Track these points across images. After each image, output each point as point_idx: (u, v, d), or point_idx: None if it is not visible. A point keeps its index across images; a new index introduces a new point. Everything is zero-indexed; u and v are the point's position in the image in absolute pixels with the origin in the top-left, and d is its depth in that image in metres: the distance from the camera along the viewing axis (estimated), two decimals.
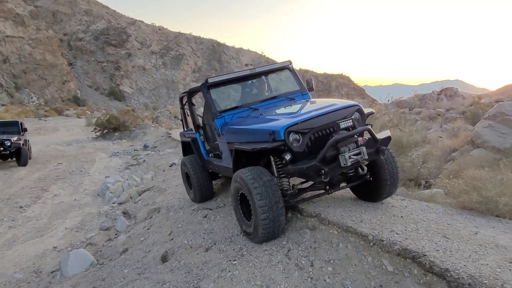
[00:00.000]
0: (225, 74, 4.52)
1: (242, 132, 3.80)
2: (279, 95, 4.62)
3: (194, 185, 5.17)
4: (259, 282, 2.87)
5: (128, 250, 4.73)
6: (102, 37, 65.66)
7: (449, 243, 2.74)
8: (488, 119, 8.27)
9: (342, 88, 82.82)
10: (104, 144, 18.01)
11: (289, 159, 3.21)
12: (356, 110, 3.57)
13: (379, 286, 2.59)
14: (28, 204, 7.82)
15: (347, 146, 3.16)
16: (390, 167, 3.65)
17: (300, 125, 3.26)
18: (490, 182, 3.77)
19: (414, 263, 2.55)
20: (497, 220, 3.48)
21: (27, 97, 41.88)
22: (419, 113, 17.24)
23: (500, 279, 2.17)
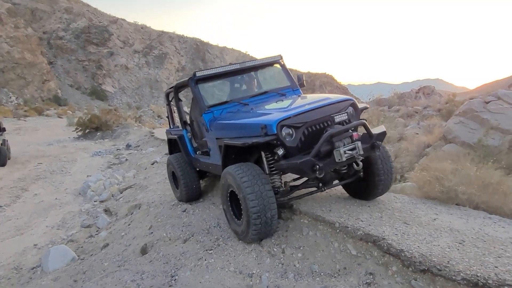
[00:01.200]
0: (213, 68, 4.40)
1: (232, 126, 3.71)
2: (269, 91, 4.53)
3: (181, 185, 5.00)
4: (233, 268, 3.04)
5: (108, 245, 4.82)
6: (83, 36, 64.55)
7: (408, 228, 2.97)
8: (459, 115, 8.64)
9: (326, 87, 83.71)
10: (86, 144, 17.83)
11: (282, 154, 3.11)
12: (350, 104, 3.49)
13: (343, 268, 2.79)
14: (8, 203, 7.78)
15: (342, 141, 3.07)
16: (384, 164, 3.57)
17: (294, 119, 3.17)
18: (451, 173, 4.03)
19: (375, 246, 2.76)
20: (457, 208, 3.73)
21: (6, 97, 40.90)
22: (398, 110, 17.70)
23: (447, 257, 2.39)
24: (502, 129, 7.54)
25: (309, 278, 2.80)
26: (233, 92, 4.61)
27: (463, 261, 2.33)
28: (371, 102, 21.92)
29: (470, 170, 3.92)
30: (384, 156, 3.60)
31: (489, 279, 2.13)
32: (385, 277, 2.50)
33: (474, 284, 2.13)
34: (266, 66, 4.80)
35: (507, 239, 2.72)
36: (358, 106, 3.56)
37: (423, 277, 2.34)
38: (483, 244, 2.61)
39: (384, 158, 3.60)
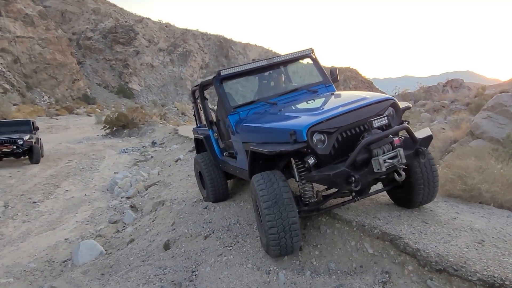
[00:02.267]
0: (238, 66, 4.11)
1: (259, 130, 3.42)
2: (300, 88, 4.19)
3: (208, 185, 4.83)
4: (251, 265, 3.12)
5: (134, 241, 5.01)
6: (110, 36, 66.35)
7: (426, 227, 2.94)
8: (487, 110, 8.35)
9: (350, 81, 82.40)
10: (114, 141, 18.41)
11: (313, 163, 2.81)
12: (391, 104, 3.08)
13: (359, 267, 2.81)
14: (41, 199, 8.18)
15: (381, 148, 2.71)
16: (425, 172, 3.17)
17: (326, 124, 2.83)
18: (475, 171, 3.94)
19: (391, 245, 2.76)
20: (480, 207, 3.65)
21: (38, 97, 42.68)
22: (424, 105, 17.24)
23: (464, 257, 2.37)
24: None
25: (325, 276, 2.84)
26: (261, 90, 4.31)
27: (481, 262, 2.30)
28: (397, 97, 21.47)
29: (494, 168, 3.82)
30: (425, 163, 3.17)
31: (507, 280, 2.10)
32: (401, 276, 2.51)
33: (490, 285, 2.11)
34: (296, 60, 4.46)
35: None
36: (400, 106, 3.16)
37: (439, 276, 2.33)
38: (504, 244, 2.57)
39: (425, 165, 3.17)
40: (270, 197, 2.83)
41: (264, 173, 3.04)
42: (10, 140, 11.62)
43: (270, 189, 2.87)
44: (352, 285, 2.59)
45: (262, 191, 2.89)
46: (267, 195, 2.85)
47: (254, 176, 3.07)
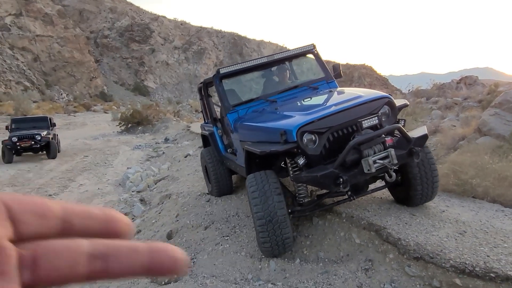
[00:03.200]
0: (238, 64, 4.12)
1: (254, 129, 3.42)
2: (301, 85, 4.16)
3: (212, 180, 4.89)
4: (244, 253, 3.30)
5: (140, 231, 5.25)
6: (126, 34, 67.47)
7: (413, 219, 3.06)
8: (495, 107, 8.27)
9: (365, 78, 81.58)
10: (128, 138, 18.84)
11: (303, 163, 2.80)
12: (386, 103, 3.02)
13: (346, 255, 2.95)
14: (57, 192, 8.55)
15: (372, 148, 2.68)
16: (423, 171, 3.12)
17: (316, 124, 2.81)
18: (469, 166, 4.01)
19: (377, 235, 2.89)
20: (471, 201, 3.74)
21: (57, 94, 43.85)
22: (436, 102, 17.03)
23: (442, 246, 2.49)
24: None
25: (313, 263, 2.99)
26: (263, 87, 4.30)
27: (457, 250, 2.42)
28: (409, 94, 21.26)
29: (487, 163, 3.88)
30: (424, 162, 3.10)
31: (477, 266, 2.21)
32: (382, 264, 2.64)
33: (461, 271, 2.23)
34: (298, 57, 4.39)
35: (511, 231, 2.74)
36: (396, 104, 3.09)
37: (416, 264, 2.46)
38: (484, 235, 2.66)
39: (424, 163, 3.10)
40: (261, 198, 2.83)
41: (257, 173, 3.03)
42: (29, 135, 12.10)
43: (261, 190, 2.86)
44: (336, 272, 2.73)
45: (253, 193, 2.88)
46: (258, 198, 2.84)
47: (248, 177, 3.08)
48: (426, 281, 2.35)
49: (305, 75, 4.61)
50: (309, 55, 4.43)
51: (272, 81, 4.36)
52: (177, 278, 3.05)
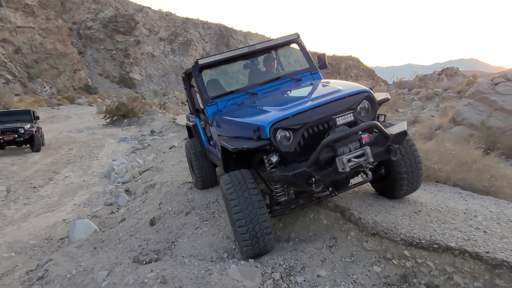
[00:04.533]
0: (218, 54, 3.95)
1: (230, 124, 3.30)
2: (283, 76, 4.02)
3: (196, 173, 4.84)
4: (221, 235, 3.52)
5: (125, 220, 5.42)
6: (110, 25, 66.36)
7: (376, 201, 3.32)
8: (468, 97, 8.65)
9: (352, 70, 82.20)
10: (114, 130, 18.81)
11: (276, 161, 2.71)
12: (365, 97, 2.91)
13: (314, 235, 3.20)
14: (41, 184, 8.62)
15: (348, 146, 2.58)
16: (408, 164, 3.06)
17: (290, 120, 2.69)
18: (433, 153, 4.30)
19: (341, 216, 3.15)
20: (434, 185, 4.02)
21: (40, 87, 43.08)
22: (418, 93, 17.50)
23: (396, 223, 2.76)
24: (509, 110, 7.56)
25: (285, 243, 3.23)
26: (248, 78, 4.16)
27: (409, 226, 2.69)
28: (392, 85, 21.71)
29: (448, 150, 4.17)
30: (408, 154, 3.06)
31: (423, 239, 2.48)
32: (345, 241, 2.89)
33: (409, 243, 2.49)
34: (281, 46, 4.22)
35: (462, 210, 3.03)
36: (376, 98, 2.98)
37: (373, 239, 2.72)
38: (437, 214, 2.94)
39: (409, 156, 3.06)
40: (239, 200, 2.74)
41: (232, 173, 2.94)
42: (12, 129, 12.05)
43: (239, 191, 2.77)
44: (304, 249, 2.98)
45: (231, 195, 2.78)
46: (236, 199, 2.75)
47: (222, 177, 2.99)
48: (381, 254, 2.62)
49: (291, 66, 4.42)
50: (293, 45, 4.27)
51: (258, 72, 4.22)
52: (157, 257, 3.26)
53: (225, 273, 2.73)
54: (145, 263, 3.14)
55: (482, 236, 2.48)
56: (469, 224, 2.70)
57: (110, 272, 3.09)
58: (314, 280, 2.59)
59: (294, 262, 2.84)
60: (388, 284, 2.41)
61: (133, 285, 2.70)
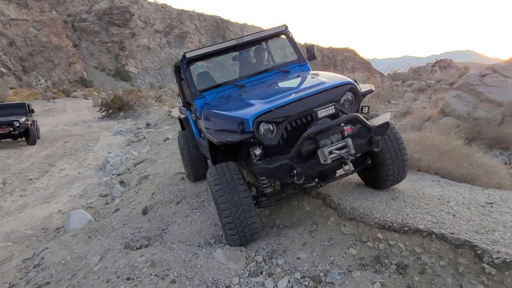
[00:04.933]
0: (205, 47, 3.97)
1: (216, 117, 3.33)
2: (271, 68, 4.04)
3: (187, 165, 4.88)
4: (210, 222, 3.68)
5: (119, 210, 5.57)
6: (105, 17, 65.76)
7: (356, 189, 3.48)
8: (457, 89, 8.81)
9: (348, 62, 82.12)
10: (109, 123, 18.87)
11: (260, 154, 2.76)
12: (349, 89, 2.94)
13: (297, 221, 3.36)
14: (37, 177, 8.74)
15: (330, 138, 2.60)
16: (394, 154, 3.10)
17: (273, 113, 2.73)
18: (415, 142, 4.46)
19: (323, 203, 3.30)
20: (415, 173, 4.18)
21: (35, 80, 42.85)
22: (411, 85, 17.64)
23: (372, 208, 2.92)
24: (496, 102, 7.72)
25: (269, 229, 3.39)
26: (239, 70, 4.17)
27: (383, 211, 2.85)
28: (386, 77, 21.84)
29: (428, 140, 4.33)
30: (394, 145, 3.11)
31: (395, 222, 2.65)
32: (325, 226, 3.05)
33: (382, 226, 2.66)
34: (269, 38, 4.24)
35: (436, 196, 3.19)
36: (359, 90, 3.01)
37: (350, 223, 2.88)
38: (412, 200, 3.10)
39: (394, 147, 3.10)
40: (225, 190, 2.78)
41: (219, 166, 2.98)
42: (7, 122, 12.11)
43: (224, 183, 2.81)
44: (287, 234, 3.14)
45: (216, 186, 2.82)
46: (221, 190, 2.79)
47: (209, 169, 3.04)
48: (357, 237, 2.78)
49: (280, 57, 4.42)
50: (282, 36, 4.28)
51: (248, 64, 4.24)
52: (148, 243, 3.41)
53: (211, 257, 2.88)
54: (136, 249, 3.30)
55: (451, 220, 2.65)
56: (441, 209, 2.87)
57: (103, 257, 3.24)
58: (294, 262, 2.75)
59: (276, 246, 3.00)
60: (363, 265, 2.57)
61: (124, 269, 2.85)
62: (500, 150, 6.73)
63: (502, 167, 4.38)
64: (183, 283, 2.60)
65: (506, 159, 6.48)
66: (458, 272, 2.23)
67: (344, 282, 2.41)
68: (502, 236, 2.36)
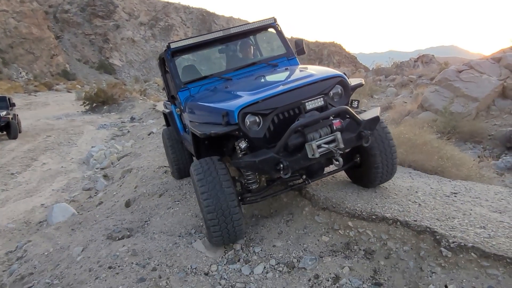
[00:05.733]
0: (191, 38, 3.86)
1: (200, 109, 3.23)
2: (259, 61, 3.96)
3: (171, 160, 4.78)
4: (191, 213, 3.79)
5: (102, 203, 5.62)
6: (88, 9, 64.44)
7: (331, 181, 3.63)
8: (435, 84, 9.08)
9: (334, 56, 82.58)
10: (93, 117, 18.68)
11: (245, 147, 2.66)
12: (338, 82, 2.85)
13: (275, 211, 3.50)
14: (19, 171, 8.67)
15: (318, 132, 2.53)
16: (383, 150, 3.02)
17: (260, 105, 2.64)
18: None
19: (299, 194, 3.45)
20: None
21: (16, 72, 41.87)
22: (394, 80, 17.97)
23: (344, 199, 3.09)
24: (471, 97, 8.01)
25: (248, 219, 3.52)
26: (226, 63, 4.10)
27: (354, 201, 3.01)
28: (371, 72, 22.18)
29: (400, 133, 4.52)
30: (384, 141, 3.03)
31: (364, 211, 2.81)
32: (300, 215, 3.20)
33: (352, 215, 2.82)
34: (257, 31, 4.16)
35: (406, 187, 3.37)
36: (349, 84, 2.94)
37: (323, 213, 3.04)
38: (382, 190, 3.27)
39: (383, 143, 3.02)
40: (209, 186, 2.68)
41: (203, 160, 2.88)
42: None
43: (208, 178, 2.70)
44: (264, 224, 3.28)
45: (200, 181, 2.72)
46: (205, 186, 2.69)
47: (192, 164, 2.94)
48: (329, 225, 2.93)
49: (268, 51, 4.35)
50: (270, 29, 4.20)
51: (235, 57, 4.16)
52: (130, 234, 3.51)
53: (190, 246, 3.01)
54: (118, 239, 3.39)
55: (416, 208, 2.83)
56: (408, 199, 3.05)
57: (85, 248, 3.33)
58: (270, 249, 2.90)
59: (254, 235, 3.14)
60: (334, 251, 2.73)
61: (106, 258, 2.94)
62: (473, 144, 7.01)
63: (470, 160, 4.61)
64: (163, 270, 2.72)
65: (479, 152, 6.76)
66: (419, 256, 2.41)
67: (315, 267, 2.57)
68: (460, 222, 2.55)
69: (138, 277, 2.66)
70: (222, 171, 2.75)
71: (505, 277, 2.03)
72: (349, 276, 2.47)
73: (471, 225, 2.49)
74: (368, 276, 2.47)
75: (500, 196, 3.13)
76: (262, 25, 4.04)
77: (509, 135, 6.36)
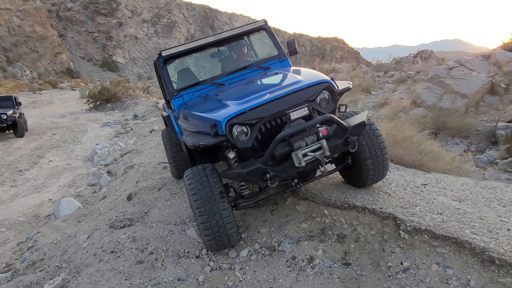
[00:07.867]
0: (182, 44, 3.90)
1: (191, 118, 3.25)
2: (251, 65, 3.95)
3: (170, 161, 4.87)
4: (187, 204, 4.13)
5: (106, 197, 5.99)
6: (91, 6, 64.82)
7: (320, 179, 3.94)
8: (427, 81, 9.34)
9: (337, 51, 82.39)
10: (97, 115, 19.06)
11: (234, 157, 2.70)
12: (324, 88, 2.87)
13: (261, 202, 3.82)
14: (27, 168, 9.07)
15: (304, 140, 2.56)
16: (373, 151, 3.05)
17: (246, 115, 2.65)
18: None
19: (284, 186, 3.76)
20: None
21: (20, 71, 42.36)
22: (392, 76, 18.18)
23: (323, 191, 3.41)
24: (461, 93, 8.27)
25: (237, 211, 3.85)
26: (221, 66, 4.14)
27: (334, 193, 3.33)
28: (370, 68, 22.40)
29: (384, 129, 4.82)
30: (374, 143, 3.06)
31: (338, 201, 3.14)
32: (284, 205, 3.53)
33: (327, 204, 3.15)
34: (248, 34, 4.20)
35: (385, 180, 3.67)
36: (336, 89, 2.95)
37: (304, 203, 3.37)
38: None
39: (374, 145, 3.05)
40: (201, 194, 2.70)
41: (195, 168, 2.90)
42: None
43: (201, 186, 2.72)
44: (251, 213, 3.62)
45: (192, 189, 2.74)
46: (198, 194, 2.71)
47: (185, 172, 2.95)
48: (308, 214, 3.26)
49: (260, 53, 4.39)
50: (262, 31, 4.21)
51: (228, 60, 4.17)
52: (130, 223, 3.86)
53: (184, 233, 3.35)
54: (119, 228, 3.74)
55: (385, 198, 3.14)
56: (380, 190, 3.36)
57: (90, 236, 3.68)
58: (255, 235, 3.23)
59: (241, 223, 3.47)
60: (311, 236, 3.06)
61: (109, 244, 3.29)
62: (460, 139, 7.29)
63: (448, 154, 4.90)
64: (159, 254, 3.07)
65: (465, 147, 7.05)
66: (383, 239, 2.73)
67: (293, 250, 2.90)
68: (421, 210, 2.87)
69: (137, 259, 3.00)
70: (213, 180, 2.77)
71: (450, 255, 2.34)
72: (322, 257, 2.80)
73: (429, 212, 2.81)
74: (339, 257, 2.80)
75: (466, 187, 3.44)
76: (253, 27, 4.09)
77: (494, 131, 6.64)
